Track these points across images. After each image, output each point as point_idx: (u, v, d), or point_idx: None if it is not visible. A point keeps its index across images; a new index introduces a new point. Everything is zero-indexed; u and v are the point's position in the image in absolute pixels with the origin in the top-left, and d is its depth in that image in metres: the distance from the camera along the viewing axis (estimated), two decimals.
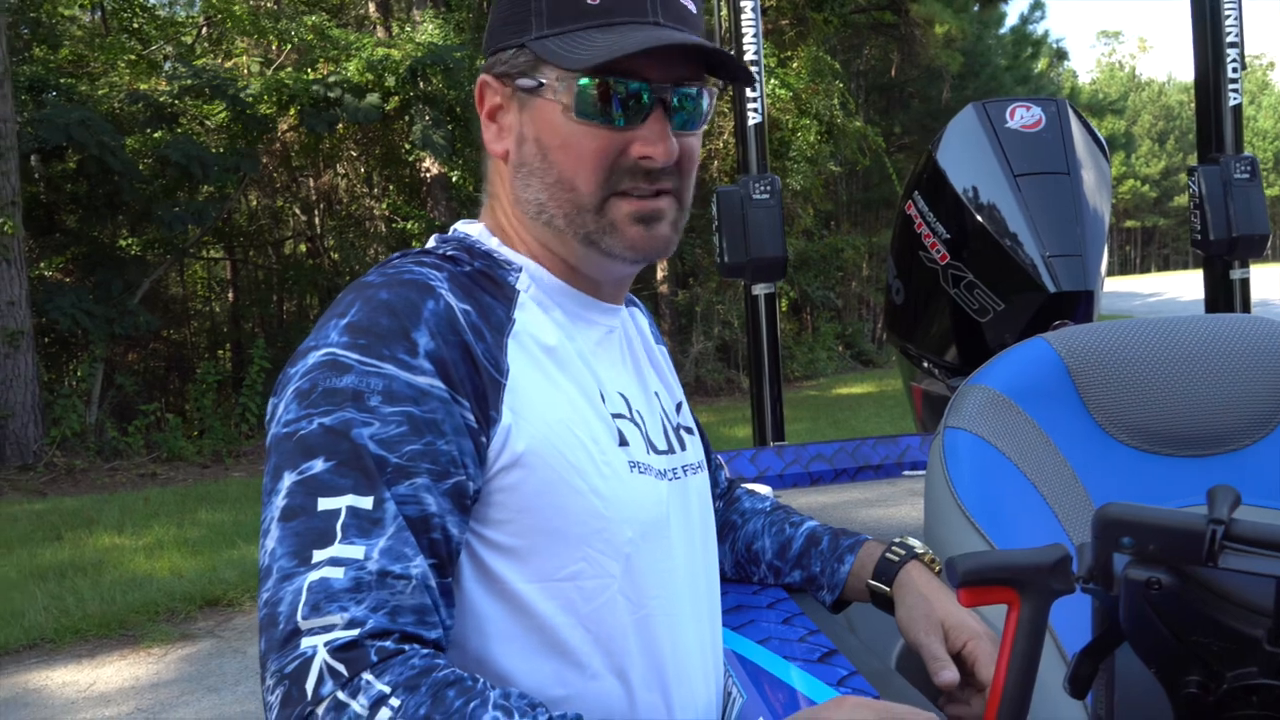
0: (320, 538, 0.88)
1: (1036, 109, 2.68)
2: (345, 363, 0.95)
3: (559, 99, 1.04)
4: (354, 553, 0.88)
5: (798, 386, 15.63)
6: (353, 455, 0.91)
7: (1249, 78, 77.65)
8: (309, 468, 0.91)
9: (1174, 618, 0.71)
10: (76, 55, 11.87)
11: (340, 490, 0.90)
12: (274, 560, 0.89)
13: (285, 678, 0.84)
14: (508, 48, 1.07)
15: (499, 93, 1.09)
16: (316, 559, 0.87)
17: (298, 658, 0.84)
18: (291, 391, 0.96)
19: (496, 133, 1.11)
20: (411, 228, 12.80)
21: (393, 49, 11.61)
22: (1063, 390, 1.42)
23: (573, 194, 1.06)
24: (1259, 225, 3.28)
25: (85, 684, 4.52)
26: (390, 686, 0.82)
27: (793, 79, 14.57)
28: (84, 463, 9.87)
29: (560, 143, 1.05)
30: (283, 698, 0.84)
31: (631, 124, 1.04)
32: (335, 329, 0.97)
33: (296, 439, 0.93)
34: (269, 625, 0.87)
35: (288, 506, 0.90)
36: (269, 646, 0.86)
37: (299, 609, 0.86)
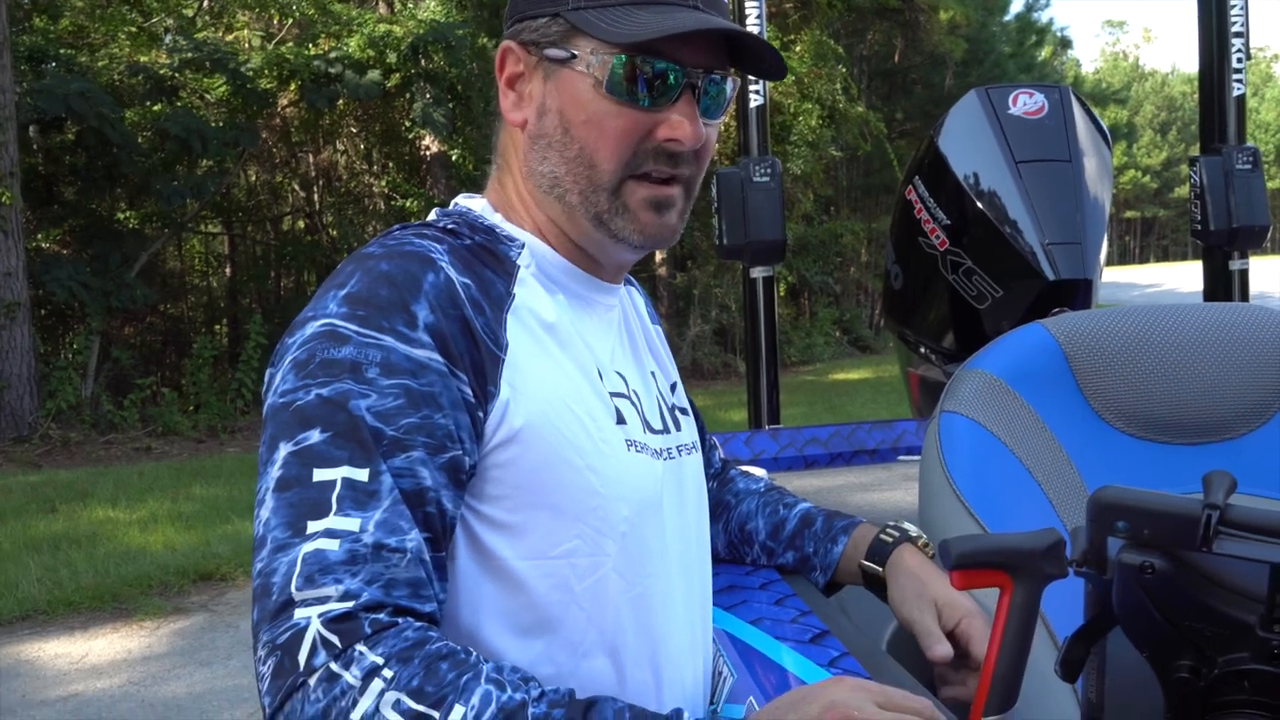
0: (315, 508, 0.88)
1: (1039, 96, 2.67)
2: (344, 333, 0.94)
3: (591, 72, 1.02)
4: (349, 525, 0.87)
5: (794, 371, 15.64)
6: (349, 427, 0.91)
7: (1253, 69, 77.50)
8: (305, 438, 0.90)
9: (1167, 602, 0.70)
10: (77, 26, 11.80)
11: (336, 462, 0.89)
12: (269, 530, 0.88)
13: (278, 648, 0.84)
14: (538, 15, 1.05)
15: (522, 60, 1.08)
16: (311, 530, 0.87)
17: (290, 628, 0.84)
18: (289, 361, 0.95)
19: (515, 101, 1.09)
20: (410, 205, 12.76)
21: (395, 25, 11.56)
22: (1059, 376, 1.42)
23: (591, 171, 1.05)
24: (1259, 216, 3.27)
25: (77, 656, 4.53)
26: (383, 658, 0.82)
27: (796, 63, 14.52)
28: (79, 435, 9.87)
29: (586, 118, 1.04)
30: (275, 668, 0.83)
31: (660, 106, 1.03)
32: (334, 300, 0.96)
33: (293, 409, 0.92)
34: (262, 595, 0.86)
35: (283, 477, 0.90)
36: (261, 616, 0.86)
37: (293, 580, 0.85)
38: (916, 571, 1.25)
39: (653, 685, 1.08)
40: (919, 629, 1.19)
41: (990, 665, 0.91)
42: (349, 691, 0.81)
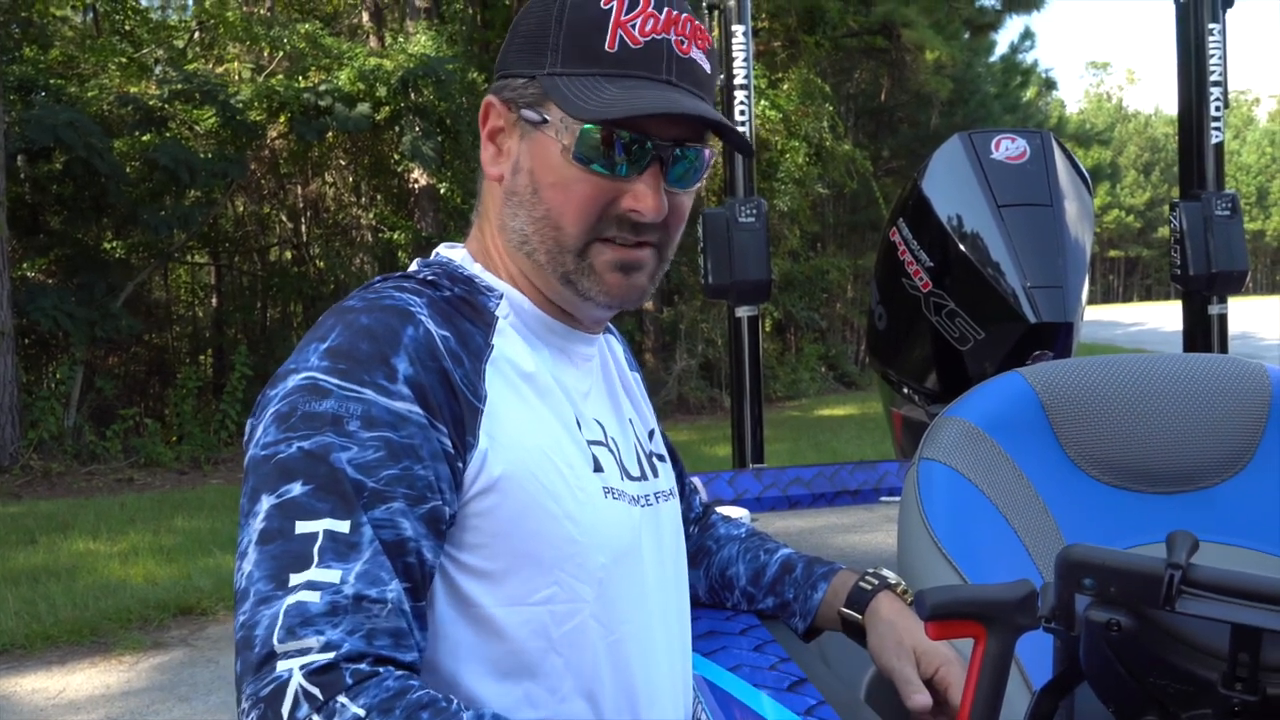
0: (297, 561, 0.89)
1: (1021, 141, 2.71)
2: (325, 387, 0.95)
3: (560, 139, 1.04)
4: (330, 577, 0.88)
5: (780, 407, 15.65)
6: (330, 479, 0.92)
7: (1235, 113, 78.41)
8: (287, 490, 0.91)
9: (1132, 659, 0.72)
10: (67, 56, 11.82)
11: (318, 514, 0.91)
12: (251, 584, 0.89)
13: (260, 700, 0.84)
14: (519, 75, 1.07)
15: (503, 116, 1.09)
16: (293, 583, 0.88)
17: (273, 681, 0.84)
18: (271, 414, 0.96)
19: (494, 155, 1.11)
20: (398, 238, 12.78)
21: (385, 59, 11.61)
22: (1036, 425, 1.43)
23: (557, 233, 1.06)
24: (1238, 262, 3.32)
25: (55, 691, 4.48)
26: (365, 709, 0.83)
27: (783, 100, 14.64)
28: (61, 466, 9.80)
29: (554, 181, 1.05)
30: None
31: (626, 176, 1.04)
32: (315, 353, 0.98)
33: (275, 462, 0.93)
34: (244, 648, 0.87)
35: (266, 530, 0.91)
36: (244, 669, 0.87)
37: (275, 632, 0.86)
38: (895, 619, 1.25)
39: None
40: (898, 677, 1.20)
41: (965, 715, 0.92)
42: None
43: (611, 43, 1.02)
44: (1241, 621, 0.67)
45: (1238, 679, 0.69)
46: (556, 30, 1.04)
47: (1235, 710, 0.69)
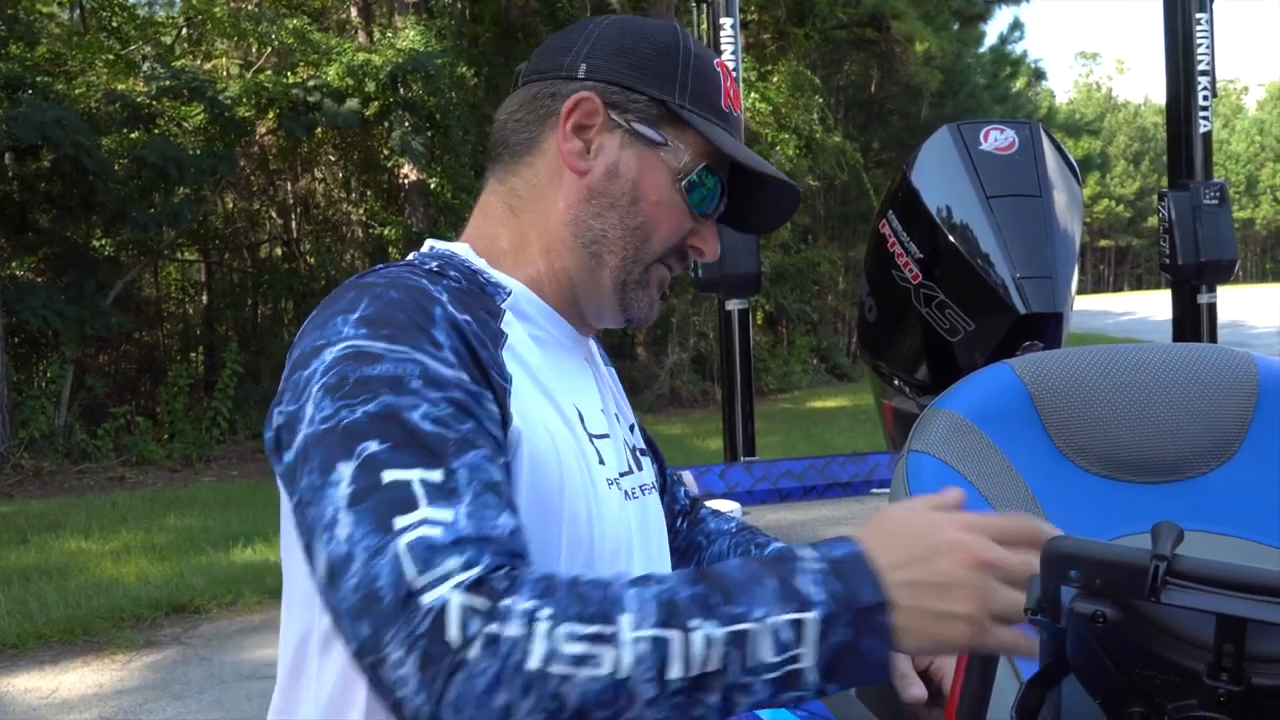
0: (401, 505, 0.84)
1: (1010, 132, 2.71)
2: (374, 352, 0.92)
3: (673, 163, 1.10)
4: (443, 515, 0.84)
5: (772, 399, 15.67)
6: (407, 435, 0.88)
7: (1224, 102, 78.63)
8: (364, 450, 0.87)
9: (1118, 650, 0.72)
10: (54, 53, 11.76)
11: (406, 465, 0.86)
12: (353, 544, 0.84)
13: (420, 638, 0.79)
14: (638, 91, 1.10)
15: (598, 116, 1.10)
16: (402, 525, 0.83)
17: (427, 614, 0.80)
18: (317, 390, 0.92)
19: (581, 150, 1.11)
20: (388, 233, 12.75)
21: (373, 54, 11.59)
22: (1025, 416, 1.43)
23: (642, 244, 1.11)
24: (1227, 251, 3.32)
25: (47, 690, 4.47)
26: (532, 600, 0.80)
27: (773, 93, 14.65)
28: (52, 465, 9.78)
29: (657, 199, 1.10)
30: (421, 660, 0.79)
31: (704, 218, 1.14)
32: (347, 324, 0.95)
33: (341, 430, 0.89)
34: (370, 605, 0.82)
35: (354, 492, 0.86)
36: (380, 624, 0.81)
37: (406, 572, 0.81)
38: None
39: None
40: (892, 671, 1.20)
41: (954, 706, 0.92)
42: (517, 645, 0.78)
43: (725, 102, 1.13)
44: (1226, 612, 0.67)
45: (1223, 669, 0.69)
46: (684, 69, 1.11)
47: (1221, 700, 0.69)
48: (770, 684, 0.80)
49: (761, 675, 0.80)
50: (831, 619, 0.80)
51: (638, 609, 0.80)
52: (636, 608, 0.80)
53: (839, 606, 0.81)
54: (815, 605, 0.81)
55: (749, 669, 0.79)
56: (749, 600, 0.81)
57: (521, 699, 0.77)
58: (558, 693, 0.77)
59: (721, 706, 0.80)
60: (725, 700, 0.80)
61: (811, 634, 0.80)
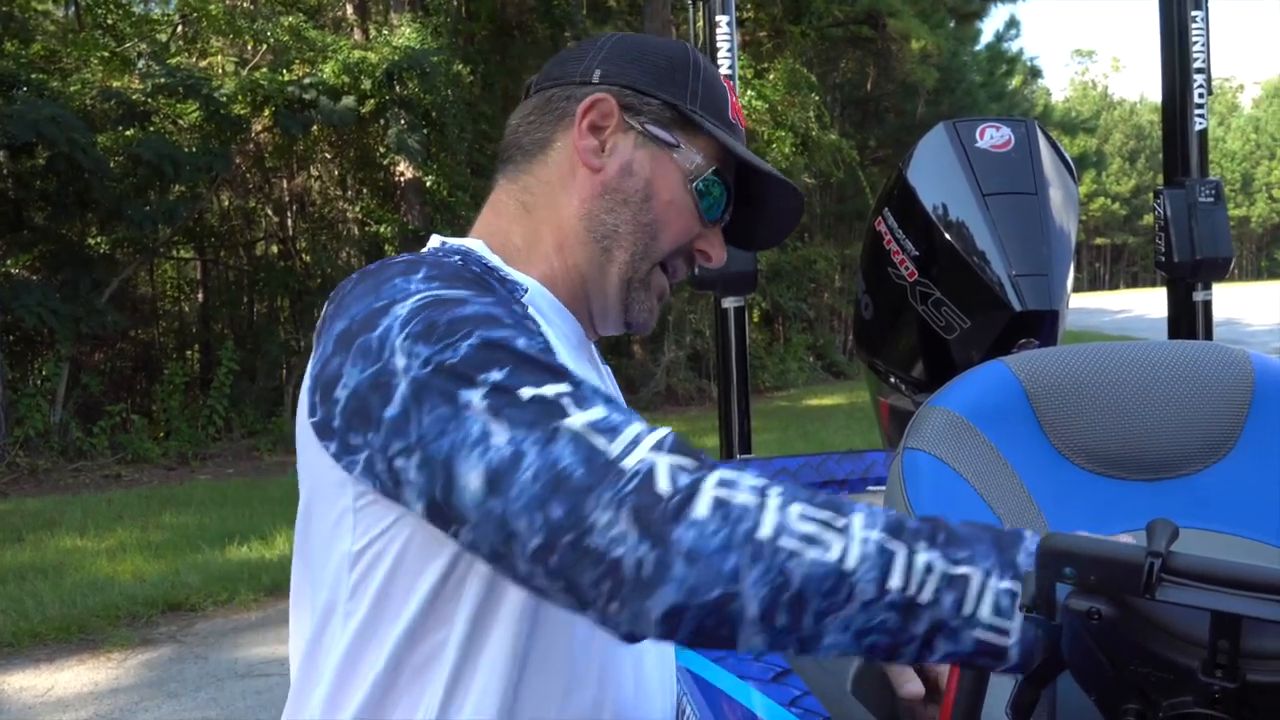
0: (556, 410, 0.81)
1: (1006, 129, 2.70)
2: (456, 296, 0.90)
3: (685, 165, 1.12)
4: (601, 411, 0.82)
5: (769, 397, 15.68)
6: (522, 359, 0.84)
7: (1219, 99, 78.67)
8: (485, 378, 0.83)
9: (1113, 647, 0.72)
10: (49, 51, 11.73)
11: (536, 383, 0.83)
12: (519, 443, 0.79)
13: (628, 495, 0.75)
14: (651, 95, 1.12)
15: (612, 117, 1.12)
16: (565, 421, 0.80)
17: (634, 475, 0.76)
18: (403, 340, 0.86)
19: (596, 148, 1.12)
20: (384, 231, 12.74)
21: (369, 52, 11.58)
22: (1021, 413, 1.43)
23: (651, 242, 1.12)
24: (1222, 249, 3.32)
25: (43, 688, 4.47)
26: (760, 479, 0.78)
27: (769, 91, 14.65)
28: (47, 463, 9.76)
29: (669, 199, 1.12)
30: (635, 513, 0.75)
31: (712, 224, 1.15)
32: (411, 281, 0.92)
33: (449, 367, 0.84)
34: (559, 484, 0.77)
35: (492, 404, 0.81)
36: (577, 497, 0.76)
37: (595, 446, 0.78)
38: None
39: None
40: (889, 667, 1.20)
41: (949, 703, 0.92)
42: (748, 512, 0.76)
43: (731, 113, 1.16)
44: (1221, 609, 0.67)
45: (1218, 666, 0.69)
46: (694, 77, 1.14)
47: (1215, 697, 0.69)
48: (976, 643, 0.77)
49: (972, 629, 0.76)
50: None
51: (867, 515, 0.78)
52: (866, 513, 0.78)
53: None
54: None
55: (963, 615, 0.76)
56: (973, 551, 0.78)
57: (751, 566, 0.75)
58: (785, 568, 0.75)
59: (921, 643, 0.77)
60: (928, 637, 0.76)
61: (1019, 615, 0.77)
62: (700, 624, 0.76)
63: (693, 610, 0.75)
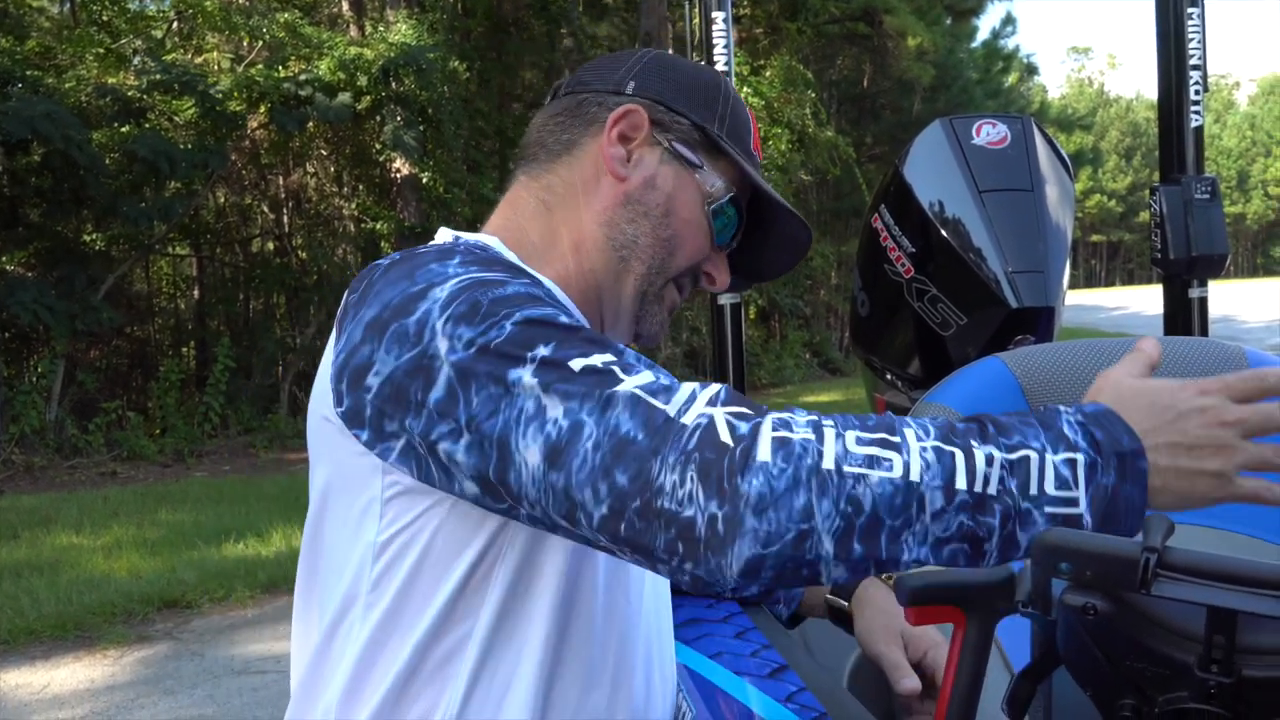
0: (604, 378, 0.82)
1: (1002, 126, 2.70)
2: (496, 278, 0.91)
3: (705, 187, 1.14)
4: (649, 377, 0.83)
5: (765, 394, 15.68)
6: (567, 333, 0.86)
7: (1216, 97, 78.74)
8: (535, 354, 0.84)
9: (1108, 642, 0.72)
10: (44, 47, 11.70)
11: (584, 354, 0.84)
12: (574, 415, 0.80)
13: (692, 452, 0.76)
14: (681, 115, 1.14)
15: (641, 129, 1.13)
16: (618, 387, 0.81)
17: (694, 431, 0.78)
18: (445, 323, 0.87)
19: (624, 158, 1.13)
20: (381, 228, 12.73)
21: (365, 49, 11.56)
22: (1016, 409, 1.43)
23: (668, 257, 1.14)
24: (1218, 245, 3.32)
25: (39, 686, 4.46)
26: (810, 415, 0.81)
27: (765, 88, 14.64)
28: (43, 460, 9.75)
29: (687, 217, 1.13)
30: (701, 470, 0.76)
31: (721, 247, 1.18)
32: (447, 266, 0.92)
33: (497, 346, 0.85)
34: (622, 450, 0.78)
35: (543, 381, 0.82)
36: (642, 460, 0.77)
37: (653, 406, 0.79)
38: (883, 605, 1.26)
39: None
40: (887, 662, 1.20)
41: (945, 699, 0.93)
42: (809, 447, 0.77)
43: (753, 146, 1.19)
44: (1217, 603, 0.68)
45: (1214, 661, 0.69)
46: (724, 105, 1.16)
47: (1211, 692, 0.70)
48: (1050, 519, 0.79)
49: (1043, 506, 0.78)
50: (1096, 463, 0.79)
51: (918, 427, 0.81)
52: (917, 425, 0.81)
53: (1102, 452, 0.80)
54: (1081, 449, 0.80)
55: (1031, 496, 0.78)
56: (1023, 434, 0.81)
57: (820, 499, 0.76)
58: (854, 494, 0.76)
59: (1003, 533, 0.78)
60: (1005, 528, 0.78)
61: (1083, 475, 0.79)
62: (781, 568, 0.77)
63: (771, 558, 0.76)
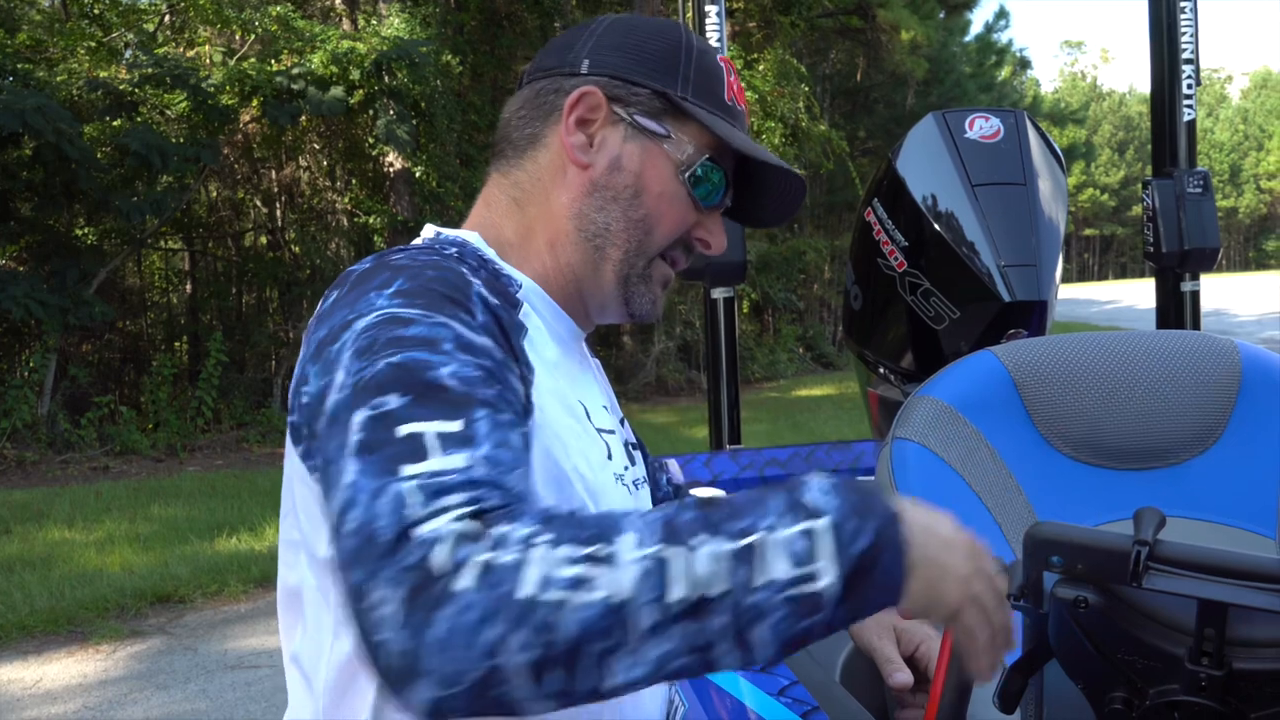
0: (411, 454, 0.79)
1: (995, 120, 2.70)
2: (408, 317, 0.90)
3: (676, 155, 1.10)
4: (455, 461, 0.79)
5: (758, 388, 15.69)
6: (430, 387, 0.84)
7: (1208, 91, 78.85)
8: (382, 404, 0.83)
9: (1100, 635, 0.72)
10: (35, 40, 11.64)
11: (424, 419, 0.82)
12: (357, 491, 0.78)
13: (406, 572, 0.73)
14: (640, 85, 1.10)
15: (600, 110, 1.10)
16: (411, 471, 0.78)
17: (420, 544, 0.73)
18: (349, 356, 0.88)
19: (585, 144, 1.11)
20: (374, 222, 12.70)
21: (358, 42, 11.51)
22: (1009, 403, 1.44)
23: (645, 237, 1.11)
24: (1210, 239, 3.33)
25: (31, 681, 4.46)
26: (531, 526, 0.74)
27: (759, 81, 14.62)
28: (35, 455, 9.72)
29: (660, 191, 1.10)
30: (408, 595, 0.72)
31: (709, 210, 1.14)
32: (381, 296, 0.92)
33: (363, 384, 0.85)
34: (365, 547, 0.75)
35: (363, 440, 0.81)
36: (372, 566, 0.74)
37: (403, 511, 0.76)
38: None
39: (614, 713, 1.09)
40: (879, 656, 1.21)
41: (937, 692, 0.93)
42: (509, 571, 0.72)
43: (728, 95, 1.14)
44: (1207, 596, 0.68)
45: (1204, 654, 0.69)
46: (686, 63, 1.12)
47: (1202, 685, 0.70)
48: (786, 604, 0.73)
49: (776, 593, 0.73)
50: (845, 525, 0.75)
51: (639, 529, 0.75)
52: (639, 529, 0.75)
53: (852, 513, 0.75)
54: (826, 513, 0.75)
55: (760, 586, 0.73)
56: (755, 514, 0.76)
57: (512, 633, 0.70)
58: (551, 622, 0.71)
59: (735, 635, 0.73)
60: (738, 626, 0.73)
61: (827, 544, 0.74)
62: (471, 707, 0.72)
63: (459, 698, 0.71)
